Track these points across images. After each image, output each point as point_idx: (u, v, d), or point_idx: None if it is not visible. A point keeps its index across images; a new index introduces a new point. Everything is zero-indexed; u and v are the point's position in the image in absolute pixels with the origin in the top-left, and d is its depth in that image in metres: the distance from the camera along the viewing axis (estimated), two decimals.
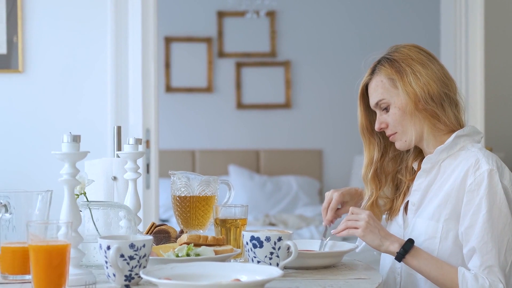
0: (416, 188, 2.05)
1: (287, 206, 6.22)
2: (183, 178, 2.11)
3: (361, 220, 1.92)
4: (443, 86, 2.01)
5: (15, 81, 3.41)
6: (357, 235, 1.93)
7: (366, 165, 2.12)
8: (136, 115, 3.42)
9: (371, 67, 2.08)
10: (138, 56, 3.43)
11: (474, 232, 1.89)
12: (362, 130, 2.12)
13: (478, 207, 1.90)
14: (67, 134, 1.64)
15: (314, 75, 6.57)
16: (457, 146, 2.00)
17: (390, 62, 2.03)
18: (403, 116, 2.01)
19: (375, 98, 2.05)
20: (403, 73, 2.00)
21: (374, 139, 2.12)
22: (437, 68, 2.02)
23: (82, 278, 1.66)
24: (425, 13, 6.45)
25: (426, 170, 2.03)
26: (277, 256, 1.77)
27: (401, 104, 2.00)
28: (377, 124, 2.06)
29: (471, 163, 1.94)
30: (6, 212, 1.71)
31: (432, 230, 1.97)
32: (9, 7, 3.38)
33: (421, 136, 2.03)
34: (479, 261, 1.88)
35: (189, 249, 1.77)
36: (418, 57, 2.02)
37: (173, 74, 6.57)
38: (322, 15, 6.58)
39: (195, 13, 6.55)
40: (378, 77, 2.04)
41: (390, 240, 1.91)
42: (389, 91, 2.02)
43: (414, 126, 2.01)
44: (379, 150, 2.11)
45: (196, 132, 6.56)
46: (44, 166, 3.34)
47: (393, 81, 2.02)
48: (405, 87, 1.99)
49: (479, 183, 1.91)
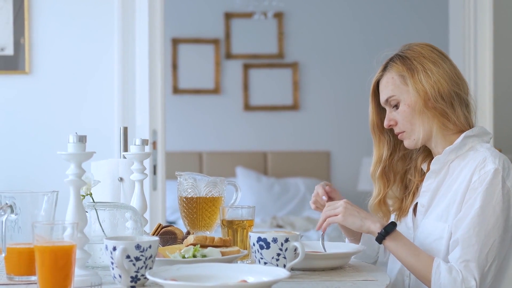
0: (425, 189, 2.04)
1: (294, 208, 6.21)
2: (190, 179, 2.10)
3: (339, 207, 1.94)
4: (454, 86, 2.00)
5: (22, 82, 3.41)
6: (338, 221, 1.95)
7: (375, 162, 2.12)
8: (143, 116, 3.41)
9: (383, 63, 2.08)
10: (145, 57, 3.42)
11: (462, 224, 1.89)
12: (373, 127, 2.12)
13: (474, 201, 1.89)
14: (73, 134, 1.63)
15: (321, 76, 6.56)
16: (466, 147, 1.99)
17: (402, 59, 2.03)
18: (412, 113, 2.00)
19: (385, 95, 2.04)
20: (414, 71, 2.00)
21: (384, 137, 2.11)
22: (449, 68, 2.02)
23: (88, 279, 1.65)
24: (433, 13, 6.43)
25: (435, 171, 2.02)
26: (284, 258, 1.76)
27: (410, 101, 2.00)
28: (386, 121, 2.05)
29: (478, 162, 1.93)
30: (11, 212, 1.70)
31: (439, 230, 1.96)
32: (16, 8, 3.38)
33: (429, 135, 2.02)
34: (458, 254, 1.87)
35: (195, 250, 1.76)
36: (430, 55, 2.02)
37: (181, 76, 6.57)
38: (329, 16, 6.57)
39: (202, 15, 6.55)
40: (389, 74, 2.04)
41: (371, 220, 1.93)
42: (400, 88, 2.02)
43: (422, 125, 2.00)
44: (388, 148, 2.11)
45: (203, 134, 6.56)
46: (50, 166, 3.34)
47: (403, 78, 2.01)
48: (416, 84, 1.99)
49: (482, 181, 1.90)
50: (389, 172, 2.12)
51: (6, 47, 3.39)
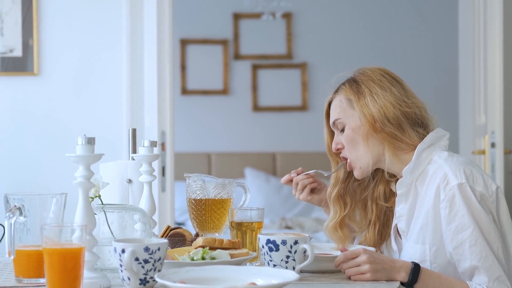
0: (399, 214, 2.03)
1: (303, 209, 6.20)
2: (199, 181, 2.10)
3: (363, 263, 1.81)
4: (403, 107, 1.98)
5: (30, 84, 3.42)
6: (366, 280, 1.81)
7: (332, 184, 2.11)
8: (152, 118, 3.41)
9: (336, 86, 2.09)
10: (153, 58, 3.42)
11: (466, 251, 1.87)
12: (328, 149, 2.12)
13: (462, 225, 1.87)
14: (82, 136, 1.63)
15: (330, 77, 6.51)
16: (424, 162, 1.97)
17: (351, 83, 2.05)
18: (356, 138, 2.00)
19: (333, 117, 2.06)
20: (361, 94, 2.00)
21: (340, 159, 2.09)
22: (398, 91, 2.00)
23: (97, 282, 1.65)
24: (442, 14, 6.41)
25: (404, 195, 2.00)
26: (293, 260, 1.75)
27: (355, 125, 2.00)
28: (334, 144, 2.06)
29: (440, 179, 1.91)
30: (20, 215, 1.70)
31: (420, 253, 1.95)
32: (25, 10, 3.39)
33: (379, 158, 2.00)
34: (486, 277, 1.86)
35: (204, 252, 1.76)
36: (380, 79, 2.02)
37: (189, 77, 6.57)
38: (338, 16, 6.55)
39: (211, 15, 6.54)
40: (338, 97, 2.06)
41: (395, 270, 1.84)
42: (346, 111, 2.02)
43: (369, 149, 1.99)
44: (345, 171, 2.09)
45: (212, 135, 6.55)
46: (59, 168, 3.34)
47: (350, 102, 2.02)
48: (362, 108, 1.99)
49: (450, 199, 1.88)
50: (345, 195, 2.09)
51: (15, 48, 3.39)
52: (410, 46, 6.42)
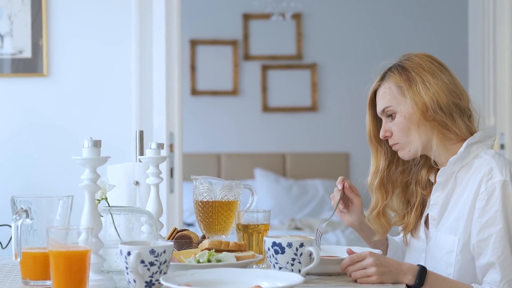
0: (434, 202, 2.02)
1: (313, 210, 6.19)
2: (206, 183, 2.10)
3: (369, 266, 1.80)
4: (454, 97, 1.98)
5: (40, 85, 3.43)
6: (373, 282, 1.80)
7: (372, 173, 2.10)
8: (160, 119, 3.41)
9: (381, 73, 2.07)
10: (162, 59, 3.42)
11: (489, 246, 1.87)
12: (370, 137, 2.11)
13: (493, 220, 1.87)
14: (88, 139, 1.63)
15: (340, 77, 6.54)
16: (470, 155, 1.97)
17: (400, 70, 2.02)
18: (408, 125, 1.99)
19: (381, 105, 2.04)
20: (412, 82, 1.99)
21: (382, 148, 2.09)
22: (448, 79, 2.00)
23: (103, 284, 1.65)
24: (452, 15, 6.39)
25: (442, 183, 2.00)
26: (299, 262, 1.75)
27: (407, 112, 1.99)
28: (382, 132, 2.04)
29: (484, 172, 1.91)
30: (27, 217, 1.71)
31: (450, 244, 1.95)
32: (34, 11, 3.40)
33: (428, 146, 2.00)
34: (499, 276, 1.86)
35: (210, 255, 1.76)
36: (429, 66, 2.01)
37: (199, 77, 6.57)
38: (348, 17, 6.54)
39: (220, 16, 6.55)
40: (386, 84, 2.04)
41: (402, 273, 1.83)
42: (397, 99, 2.01)
43: (419, 136, 1.98)
44: (386, 159, 2.09)
45: (221, 136, 6.56)
46: (67, 170, 3.35)
47: (401, 89, 2.00)
48: (414, 96, 1.97)
49: (490, 193, 1.88)
50: (387, 183, 2.09)
51: (25, 49, 3.40)
52: (420, 47, 6.40)
